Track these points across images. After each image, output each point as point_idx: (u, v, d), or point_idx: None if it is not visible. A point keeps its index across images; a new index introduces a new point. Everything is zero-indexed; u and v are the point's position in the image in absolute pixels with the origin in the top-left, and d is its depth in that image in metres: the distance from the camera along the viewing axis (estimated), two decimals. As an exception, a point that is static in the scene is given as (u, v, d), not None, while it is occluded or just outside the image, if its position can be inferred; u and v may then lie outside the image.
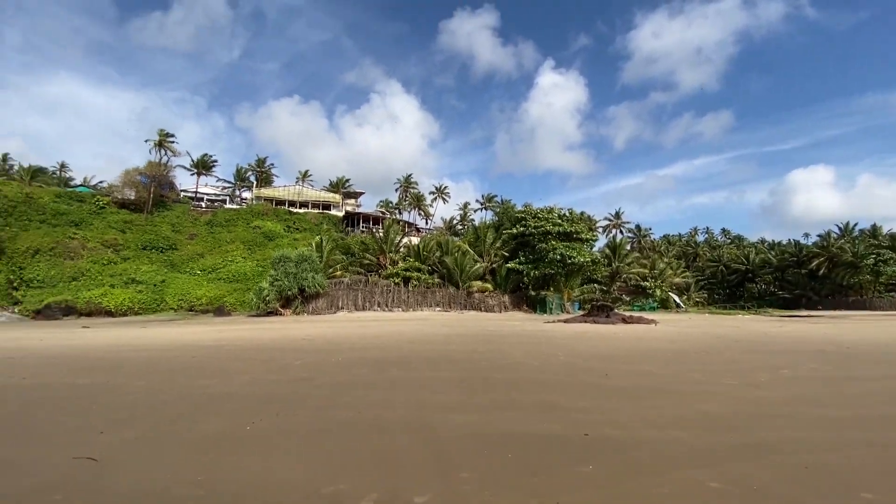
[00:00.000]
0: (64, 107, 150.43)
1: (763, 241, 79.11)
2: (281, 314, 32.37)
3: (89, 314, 33.51)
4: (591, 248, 42.42)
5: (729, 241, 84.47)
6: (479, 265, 39.25)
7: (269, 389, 6.83)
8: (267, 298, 32.10)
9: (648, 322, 23.06)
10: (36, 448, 4.24)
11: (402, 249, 41.83)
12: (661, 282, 52.91)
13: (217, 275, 41.88)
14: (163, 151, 55.15)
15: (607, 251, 54.70)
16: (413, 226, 66.83)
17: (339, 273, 36.80)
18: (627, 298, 52.05)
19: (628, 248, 64.55)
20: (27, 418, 5.27)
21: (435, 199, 79.37)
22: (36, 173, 61.37)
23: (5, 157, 64.61)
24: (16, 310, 33.28)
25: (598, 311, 27.61)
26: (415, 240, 46.34)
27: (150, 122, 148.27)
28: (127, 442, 4.37)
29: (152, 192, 49.80)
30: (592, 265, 39.93)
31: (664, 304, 50.50)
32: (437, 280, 38.37)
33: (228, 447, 4.21)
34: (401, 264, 38.59)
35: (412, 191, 76.41)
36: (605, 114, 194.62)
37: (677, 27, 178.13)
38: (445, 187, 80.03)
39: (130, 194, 49.44)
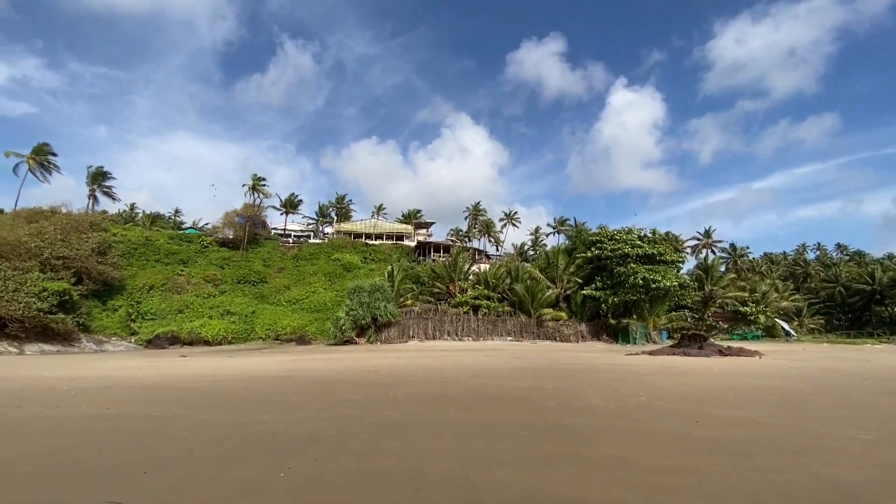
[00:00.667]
0: (181, 161, 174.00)
1: (891, 257, 68.32)
2: (356, 343, 33.28)
3: (190, 343, 36.66)
4: (678, 271, 38.91)
5: (847, 257, 73.91)
6: (551, 292, 37.58)
7: (317, 428, 6.61)
8: (343, 328, 33.14)
9: (751, 354, 20.14)
10: (72, 486, 4.25)
11: (471, 277, 41.50)
12: (765, 306, 46.94)
13: (300, 305, 44.13)
14: (256, 194, 61.11)
15: (698, 273, 49.90)
16: (483, 253, 66.47)
17: (409, 302, 37.08)
18: (725, 326, 46.72)
19: (722, 269, 58.65)
20: (81, 452, 5.41)
21: (505, 225, 78.73)
22: (155, 219, 70.60)
23: (132, 207, 75.39)
24: (132, 340, 37.67)
25: (689, 341, 24.88)
26: (484, 267, 45.83)
27: (250, 168, 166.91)
28: (162, 486, 4.28)
29: (247, 231, 54.72)
30: (680, 289, 36.41)
31: (770, 333, 44.65)
32: (507, 308, 37.27)
33: (254, 497, 3.96)
34: (470, 292, 38.19)
35: (481, 218, 76.42)
36: (687, 128, 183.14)
37: (763, 31, 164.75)
38: (515, 213, 79.26)
39: (229, 234, 54.55)
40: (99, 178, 59.25)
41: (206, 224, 67.10)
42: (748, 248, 70.78)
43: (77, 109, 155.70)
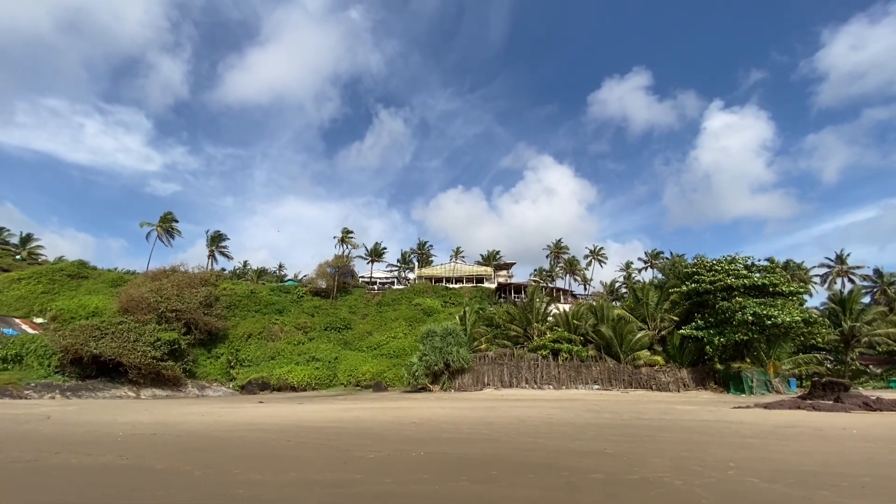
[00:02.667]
0: (290, 221, 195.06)
1: None
2: (430, 390, 32.57)
3: (279, 389, 38.19)
4: (801, 304, 32.56)
5: None
6: (643, 334, 33.98)
7: (294, 496, 5.64)
8: (416, 374, 32.50)
9: (914, 409, 15.28)
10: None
11: (550, 319, 38.81)
12: (934, 346, 37.19)
13: (381, 350, 44.60)
14: (345, 246, 65.01)
15: (831, 307, 41.61)
16: (568, 293, 62.74)
17: (483, 346, 35.62)
18: (878, 371, 37.71)
19: (866, 300, 48.62)
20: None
21: (590, 262, 74.17)
22: (261, 273, 78.15)
23: (245, 264, 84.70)
24: (231, 385, 40.52)
25: (822, 390, 20.03)
26: (567, 308, 42.78)
27: (350, 224, 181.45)
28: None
29: (336, 281, 57.91)
30: (806, 326, 30.17)
31: (946, 379, 34.90)
32: (592, 352, 34.08)
33: None
34: (548, 335, 35.67)
35: (564, 256, 73.16)
36: (802, 145, 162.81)
37: (885, 32, 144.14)
38: (601, 249, 74.38)
39: (322, 283, 57.90)
40: (216, 241, 67.63)
41: (304, 276, 72.34)
42: (900, 274, 58.13)
43: (210, 184, 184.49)
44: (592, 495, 5.51)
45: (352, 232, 66.38)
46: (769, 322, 28.97)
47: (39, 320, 40.69)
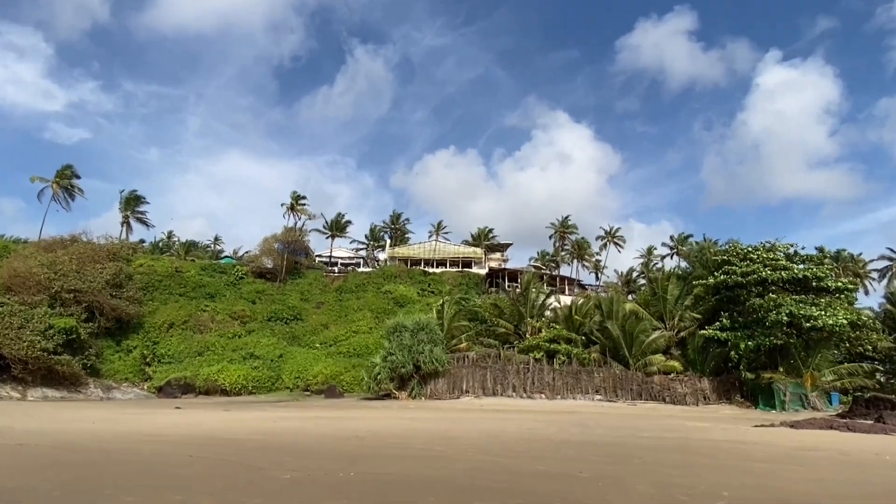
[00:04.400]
0: (234, 183, 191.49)
1: None
2: (395, 397, 32.66)
3: (207, 392, 38.14)
4: (851, 302, 33.41)
5: None
6: (658, 334, 34.53)
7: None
8: (378, 377, 32.44)
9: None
10: None
11: (548, 313, 39.22)
12: None
13: (338, 348, 44.91)
14: (296, 216, 64.19)
15: (888, 309, 42.86)
16: (574, 283, 63.50)
17: (464, 346, 35.76)
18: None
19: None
20: None
21: (604, 245, 75.11)
22: (190, 248, 77.03)
23: (170, 235, 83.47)
24: (145, 386, 40.24)
25: (865, 407, 20.83)
26: (568, 300, 43.34)
27: (308, 190, 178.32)
28: None
29: (286, 260, 57.35)
30: (853, 330, 31.03)
31: None
32: (596, 355, 34.60)
33: None
34: (544, 333, 35.95)
35: (571, 236, 73.77)
36: (874, 111, 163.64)
37: None
38: (617, 230, 75.53)
39: (268, 263, 57.60)
40: (133, 203, 65.79)
41: (246, 252, 71.45)
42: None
43: (129, 132, 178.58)
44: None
45: (304, 198, 65.70)
46: (808, 325, 29.29)
47: None
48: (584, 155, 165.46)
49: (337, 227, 71.96)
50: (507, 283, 57.54)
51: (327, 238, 71.79)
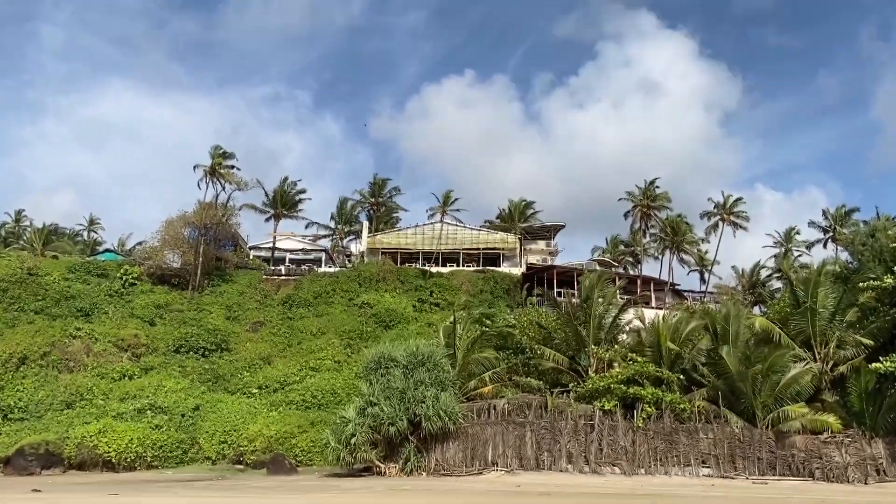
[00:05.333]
0: (116, 132, 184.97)
1: None
2: (381, 472, 32.19)
3: (81, 465, 37.36)
4: None
5: None
6: (802, 369, 33.34)
7: None
8: (352, 441, 31.49)
9: None
10: None
11: (624, 337, 38.35)
12: None
13: (287, 395, 43.61)
14: (218, 183, 61.09)
15: None
16: (667, 287, 62.27)
17: (488, 389, 34.80)
18: None
19: None
20: None
21: (714, 227, 71.51)
22: (50, 237, 76.64)
23: (18, 216, 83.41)
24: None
25: None
26: (660, 315, 42.36)
27: (241, 145, 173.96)
28: None
29: (202, 255, 55.51)
30: None
31: None
32: (702, 403, 33.97)
33: None
34: (618, 369, 35.12)
35: (661, 214, 71.29)
36: None
37: None
38: (735, 202, 70.56)
39: (174, 260, 56.41)
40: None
41: (140, 244, 68.54)
42: None
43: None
44: None
45: (230, 156, 62.56)
46: None
47: None
48: (684, 82, 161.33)
49: (284, 203, 68.86)
50: (556, 290, 55.77)
51: (268, 220, 69.01)
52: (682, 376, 35.39)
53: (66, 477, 35.17)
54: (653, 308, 48.97)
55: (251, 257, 64.65)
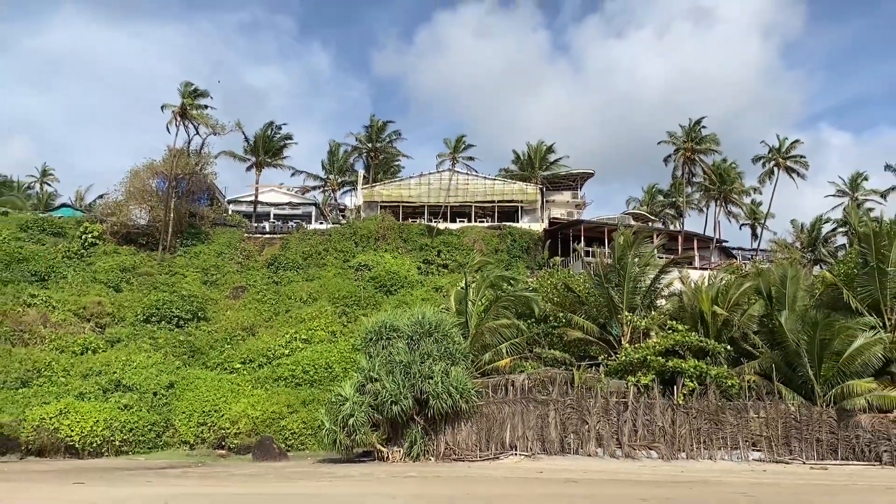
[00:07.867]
0: (70, 67, 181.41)
1: None
2: (383, 458, 32.01)
3: (41, 451, 36.48)
4: None
5: None
6: (870, 338, 32.77)
7: None
8: (350, 422, 30.99)
9: None
10: None
11: (662, 302, 38.01)
12: None
13: (274, 370, 43.06)
14: (191, 128, 58.85)
15: None
16: (713, 244, 61.36)
17: (505, 363, 34.54)
18: None
19: None
20: None
21: (769, 174, 68.70)
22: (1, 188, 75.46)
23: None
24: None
25: None
26: (705, 275, 41.91)
27: (209, 80, 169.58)
28: None
29: (173, 210, 54.53)
30: None
31: None
32: (753, 378, 33.50)
33: None
34: (655, 338, 34.57)
35: (706, 159, 66.97)
36: None
37: None
38: (793, 145, 67.56)
39: (141, 217, 55.31)
40: None
41: (102, 198, 66.84)
42: None
43: None
44: None
45: (203, 94, 60.43)
46: None
47: None
48: (738, 5, 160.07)
49: (267, 150, 67.44)
50: (584, 248, 54.35)
51: (249, 169, 67.23)
52: (729, 347, 34.73)
53: (24, 464, 34.35)
54: (696, 269, 48.37)
55: (230, 212, 63.01)
